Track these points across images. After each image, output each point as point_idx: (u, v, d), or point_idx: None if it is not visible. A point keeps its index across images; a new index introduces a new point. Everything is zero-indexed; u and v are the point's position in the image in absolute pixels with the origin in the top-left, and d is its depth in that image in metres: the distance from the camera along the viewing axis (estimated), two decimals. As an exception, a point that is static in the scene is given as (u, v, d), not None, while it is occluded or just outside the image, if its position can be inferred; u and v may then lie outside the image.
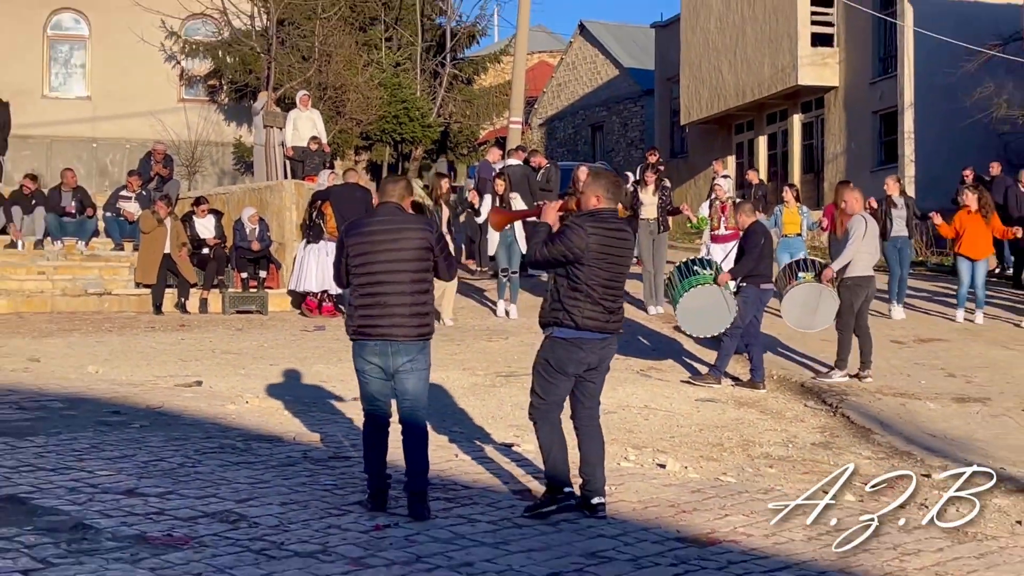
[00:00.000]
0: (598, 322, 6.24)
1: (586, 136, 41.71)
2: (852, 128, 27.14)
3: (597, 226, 6.20)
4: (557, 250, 6.16)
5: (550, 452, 6.35)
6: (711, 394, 10.84)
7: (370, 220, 6.26)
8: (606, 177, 6.61)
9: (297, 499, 6.27)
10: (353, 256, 6.16)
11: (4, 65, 24.02)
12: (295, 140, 18.45)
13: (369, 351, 6.14)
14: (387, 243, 6.11)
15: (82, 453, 7.14)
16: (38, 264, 16.46)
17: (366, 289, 6.14)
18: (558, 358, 6.27)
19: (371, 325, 6.09)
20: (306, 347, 12.91)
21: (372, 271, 6.12)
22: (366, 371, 6.22)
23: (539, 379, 6.37)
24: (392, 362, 6.13)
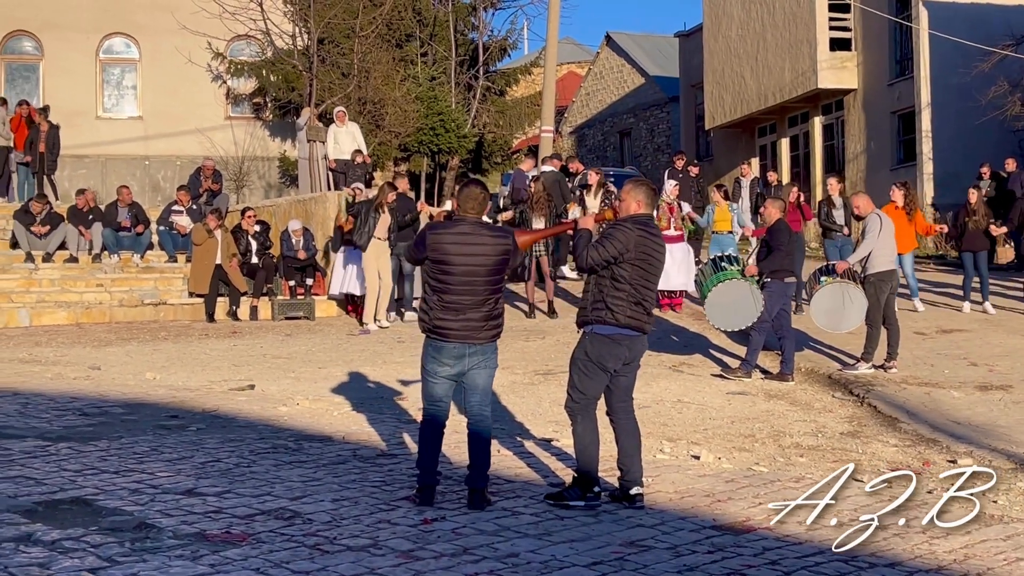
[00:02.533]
0: (638, 321, 6.53)
1: (614, 142, 42.17)
2: (871, 128, 27.49)
3: (640, 229, 6.53)
4: (608, 251, 6.45)
5: (586, 448, 6.58)
6: (742, 387, 11.07)
7: (449, 231, 6.47)
8: (645, 185, 6.87)
9: (348, 496, 6.50)
10: (433, 261, 6.42)
11: (60, 88, 24.68)
12: (336, 153, 18.95)
13: (446, 353, 6.40)
14: (464, 256, 6.36)
15: (143, 456, 7.41)
16: (96, 277, 16.91)
17: (442, 296, 6.40)
18: (598, 354, 6.51)
19: (447, 328, 6.38)
20: (352, 351, 13.19)
21: (448, 281, 6.38)
22: (437, 373, 6.46)
23: (578, 374, 6.59)
24: (467, 363, 6.43)
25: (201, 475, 6.89)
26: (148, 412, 9.06)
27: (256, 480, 6.80)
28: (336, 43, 23.45)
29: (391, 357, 12.45)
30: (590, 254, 6.49)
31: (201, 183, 19.29)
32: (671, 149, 38.48)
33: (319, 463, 7.36)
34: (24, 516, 5.83)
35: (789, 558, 5.58)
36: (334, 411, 9.41)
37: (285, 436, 8.21)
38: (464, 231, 6.43)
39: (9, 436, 7.91)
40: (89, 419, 8.69)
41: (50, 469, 6.93)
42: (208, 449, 7.67)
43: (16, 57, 25.76)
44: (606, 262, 6.47)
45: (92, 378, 11.05)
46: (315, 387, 10.62)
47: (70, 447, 7.59)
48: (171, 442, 7.87)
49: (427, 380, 6.53)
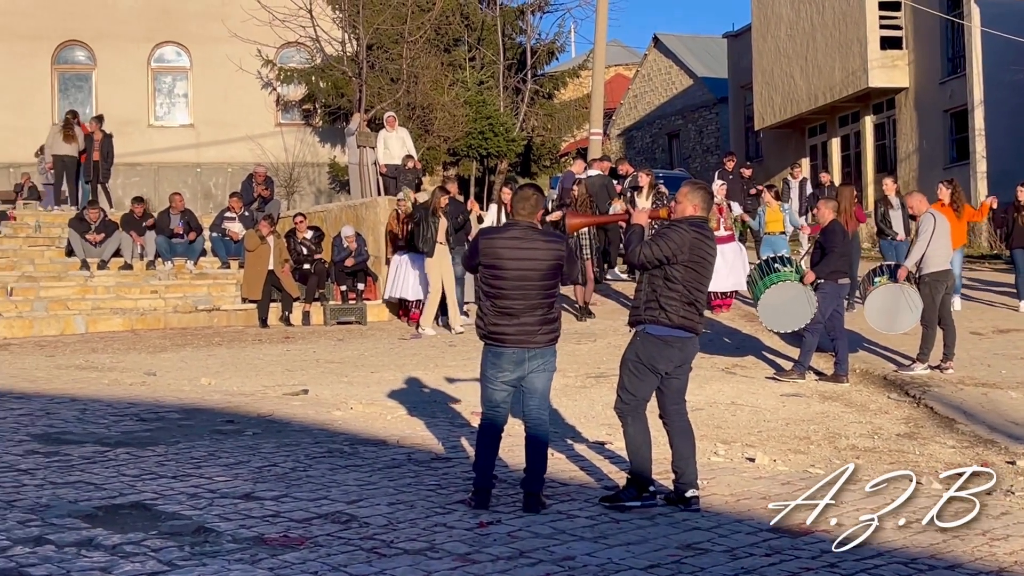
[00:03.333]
0: (691, 321, 6.52)
1: (663, 144, 42.11)
2: (923, 127, 27.26)
3: (695, 231, 6.52)
4: (661, 251, 6.44)
5: (638, 449, 6.57)
6: (796, 389, 10.99)
7: (502, 236, 6.47)
8: (703, 188, 6.88)
9: (404, 499, 6.52)
10: (486, 266, 6.42)
11: (113, 97, 25.03)
12: (386, 158, 19.03)
13: (506, 359, 6.41)
14: (516, 260, 6.36)
15: (200, 461, 7.48)
16: (151, 284, 17.13)
17: (497, 301, 6.41)
18: (649, 355, 6.49)
19: (504, 333, 6.39)
20: (404, 355, 13.25)
21: (502, 286, 6.38)
22: (497, 378, 6.46)
23: (629, 376, 6.58)
24: (526, 367, 6.44)
25: (258, 479, 6.94)
26: (204, 417, 9.14)
27: (312, 484, 6.84)
28: (385, 49, 23.58)
29: (443, 361, 12.48)
30: (643, 251, 6.48)
31: (253, 189, 19.47)
32: (720, 150, 38.39)
33: (374, 467, 7.39)
34: (85, 521, 5.90)
35: (848, 560, 5.53)
36: (388, 415, 9.46)
37: (340, 440, 8.25)
38: (516, 235, 6.43)
39: (68, 442, 8.02)
40: (146, 424, 8.78)
41: (109, 474, 7.01)
42: (264, 453, 7.72)
43: (69, 67, 26.13)
44: (658, 261, 6.46)
45: (148, 384, 11.17)
46: (368, 391, 10.67)
47: (128, 452, 7.68)
48: (228, 447, 7.94)
49: (486, 385, 6.54)
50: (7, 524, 5.78)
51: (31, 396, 10.08)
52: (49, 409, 9.36)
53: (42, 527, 5.75)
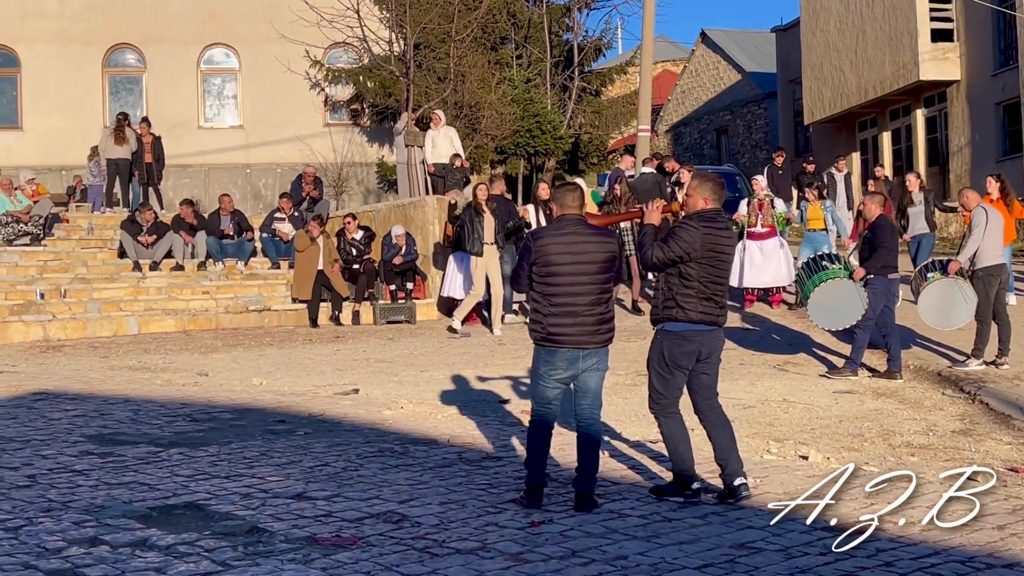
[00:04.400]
0: (710, 315, 6.56)
1: (711, 140, 41.90)
2: (975, 120, 26.87)
3: (707, 226, 6.52)
4: (672, 251, 6.46)
5: (676, 446, 6.62)
6: (849, 386, 10.88)
7: (556, 232, 6.44)
8: (712, 180, 6.86)
9: (455, 499, 6.51)
10: (540, 266, 6.36)
11: (163, 100, 25.31)
12: (434, 157, 19.00)
13: (560, 357, 6.37)
14: (572, 255, 6.33)
15: (252, 461, 7.51)
16: (202, 284, 17.27)
17: (555, 300, 6.35)
18: (670, 352, 6.55)
19: (561, 334, 6.34)
20: (453, 354, 13.25)
21: (559, 283, 6.34)
22: (551, 376, 6.42)
23: (655, 375, 6.65)
24: (580, 366, 6.41)
25: (310, 479, 6.96)
26: (256, 417, 9.19)
27: (364, 484, 6.85)
28: (431, 48, 23.62)
29: (492, 360, 12.47)
30: (655, 253, 6.51)
31: (303, 190, 19.58)
32: (769, 145, 38.12)
33: (425, 466, 7.39)
34: (139, 521, 5.95)
35: (904, 559, 5.46)
36: (438, 414, 9.47)
37: (391, 440, 8.26)
38: (568, 232, 6.40)
39: (123, 443, 8.09)
40: (199, 425, 8.85)
41: (163, 475, 7.07)
42: (316, 453, 7.75)
43: (120, 70, 26.43)
44: (671, 262, 6.49)
45: (200, 384, 11.25)
46: (418, 390, 10.68)
47: (181, 453, 7.73)
48: (280, 447, 7.97)
49: (538, 383, 6.51)
50: (62, 525, 5.84)
51: (85, 397, 10.19)
52: (103, 410, 9.45)
53: (97, 528, 5.80)
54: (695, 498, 6.52)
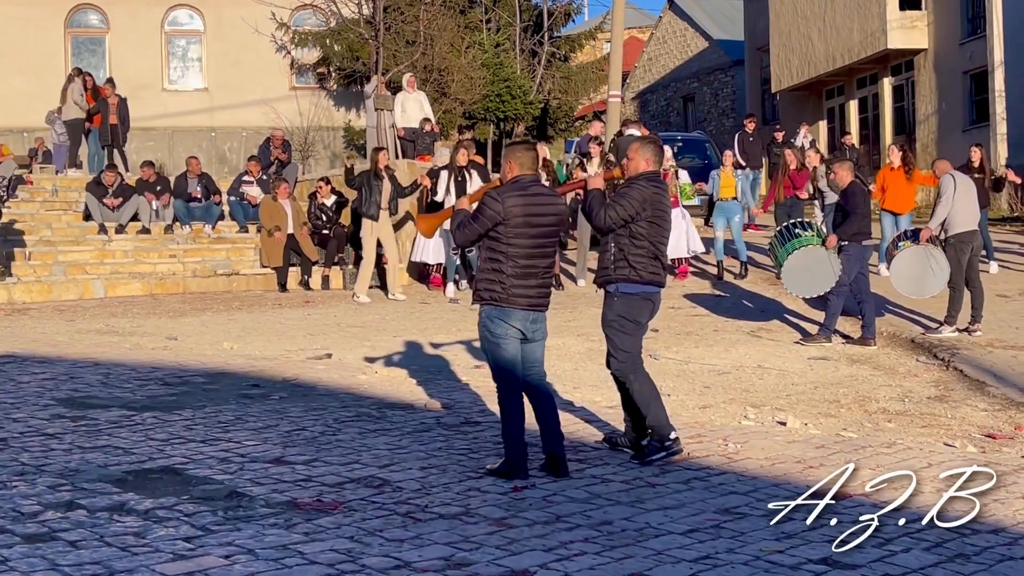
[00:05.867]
0: (658, 276, 6.71)
1: (678, 107, 41.90)
2: (943, 89, 27.02)
3: (655, 186, 6.66)
4: (626, 210, 6.55)
5: (649, 402, 6.66)
6: (823, 352, 10.91)
7: (520, 192, 6.21)
8: (653, 143, 6.96)
9: (435, 464, 6.45)
10: (509, 227, 6.11)
11: (126, 61, 24.95)
12: (404, 121, 18.86)
13: (515, 318, 6.20)
14: (536, 217, 6.18)
15: (228, 425, 7.41)
16: (169, 248, 17.06)
17: (519, 261, 6.16)
18: (630, 310, 6.65)
19: (522, 295, 6.18)
20: (425, 319, 13.18)
21: (523, 244, 6.16)
22: (509, 335, 6.22)
23: (618, 335, 6.71)
24: (530, 328, 6.28)
25: (288, 444, 6.88)
26: (229, 381, 9.08)
27: (343, 448, 6.78)
28: (400, 11, 23.37)
29: (464, 326, 12.39)
30: (608, 214, 6.56)
31: (271, 153, 19.37)
32: (736, 113, 38.14)
33: (403, 431, 7.33)
34: (116, 485, 5.85)
35: (890, 525, 5.44)
36: (412, 378, 9.39)
37: (367, 404, 8.19)
38: (532, 192, 6.23)
39: (94, 406, 7.96)
40: (171, 389, 8.73)
41: (137, 439, 6.96)
42: (292, 418, 7.66)
43: (83, 31, 26.03)
44: (623, 221, 6.56)
45: (170, 348, 11.12)
46: (391, 355, 10.59)
47: (155, 417, 7.62)
48: (255, 411, 7.88)
49: (499, 345, 6.23)
50: (37, 489, 5.73)
51: (54, 360, 10.03)
52: (72, 373, 9.31)
53: (73, 492, 5.69)
54: (675, 448, 6.58)
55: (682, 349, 10.92)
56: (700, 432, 7.48)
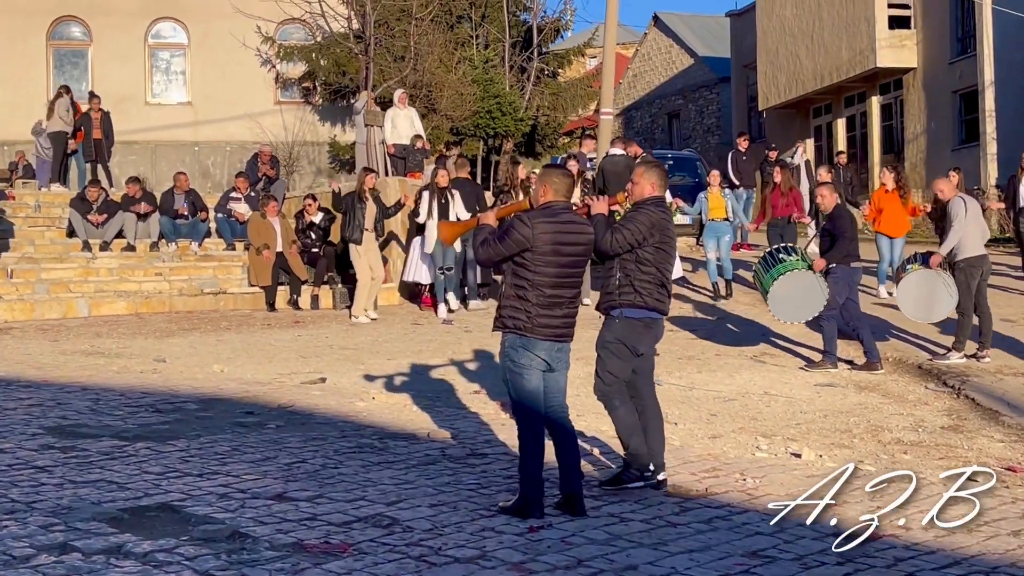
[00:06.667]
0: (662, 303, 6.58)
1: (663, 124, 41.86)
2: (932, 108, 26.99)
3: (662, 211, 6.58)
4: (632, 235, 6.43)
5: (631, 429, 6.52)
6: (830, 379, 10.68)
7: (551, 218, 5.99)
8: (657, 167, 6.88)
9: (445, 500, 6.19)
10: (537, 254, 5.90)
11: (109, 74, 24.60)
12: (394, 138, 18.57)
13: (540, 348, 5.97)
14: (565, 245, 5.98)
15: (224, 456, 7.13)
16: (155, 266, 16.69)
17: (547, 290, 5.94)
18: (631, 337, 6.50)
19: (547, 325, 5.96)
20: (419, 341, 12.90)
21: (550, 272, 5.95)
22: (533, 365, 5.98)
23: (611, 359, 6.55)
24: (555, 357, 6.05)
25: (289, 478, 6.60)
26: (222, 408, 8.79)
27: (347, 483, 6.50)
28: (388, 26, 23.12)
29: (460, 348, 12.14)
30: (615, 237, 6.42)
31: (259, 169, 19.06)
32: (721, 130, 38.09)
33: (408, 464, 7.06)
34: (111, 525, 5.57)
35: (925, 570, 5.24)
36: (412, 405, 9.12)
37: (368, 434, 7.92)
38: (563, 220, 6.03)
39: (84, 435, 7.66)
40: (163, 416, 8.43)
41: (131, 472, 6.67)
42: (291, 449, 7.38)
43: (65, 43, 25.68)
44: (629, 246, 6.44)
45: (159, 371, 10.80)
46: (387, 380, 10.29)
47: (148, 447, 7.33)
48: (252, 441, 7.60)
49: (522, 375, 5.98)
50: (29, 529, 5.44)
51: (39, 384, 9.71)
52: (60, 399, 9.00)
53: (66, 532, 5.41)
54: (653, 479, 6.45)
55: (685, 374, 10.68)
56: (715, 465, 7.24)
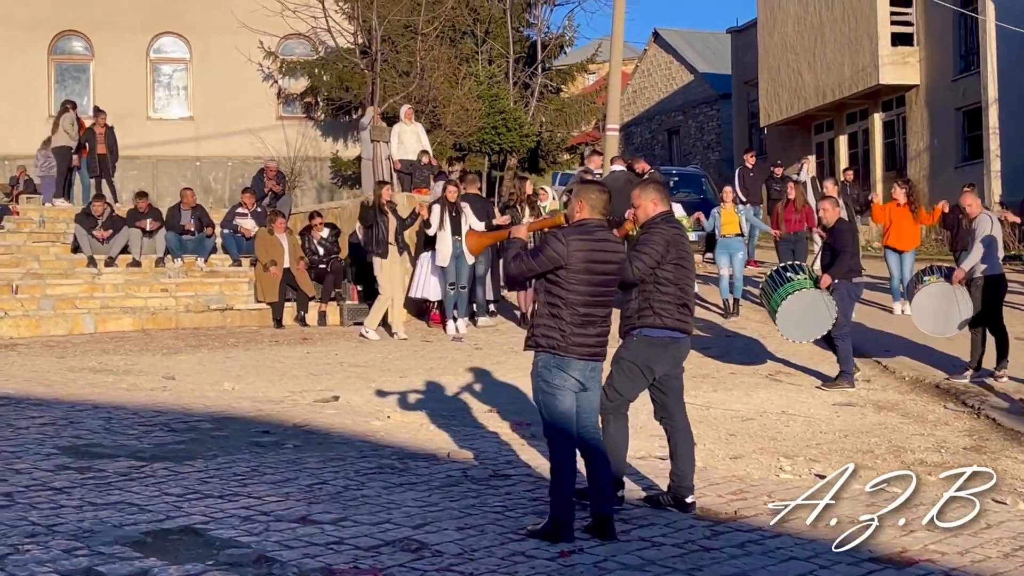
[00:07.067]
0: (684, 322, 6.45)
1: (663, 140, 41.85)
2: (935, 125, 26.95)
3: (673, 226, 6.44)
4: (652, 256, 6.33)
5: (617, 449, 6.43)
6: (847, 398, 10.58)
7: (586, 236, 5.87)
8: (655, 182, 6.84)
9: (471, 523, 6.09)
10: (573, 272, 5.80)
11: (111, 89, 24.54)
12: (401, 153, 18.48)
13: (574, 368, 5.87)
14: (600, 263, 5.87)
15: (244, 477, 7.03)
16: (161, 282, 16.58)
17: (581, 309, 5.84)
18: (646, 356, 6.39)
19: (582, 344, 5.86)
20: (430, 358, 12.81)
21: (587, 292, 5.84)
22: (566, 386, 5.87)
23: (620, 376, 6.45)
24: (588, 378, 5.95)
25: (312, 500, 6.49)
26: (237, 427, 8.69)
27: (371, 505, 6.40)
28: (392, 41, 23.08)
29: (471, 365, 12.04)
30: (635, 265, 6.28)
31: (264, 185, 18.96)
32: (721, 147, 38.09)
33: (431, 485, 6.95)
34: (135, 549, 5.46)
35: (965, 597, 5.14)
36: (429, 424, 9.03)
37: (387, 454, 7.81)
38: (598, 238, 5.92)
39: (101, 455, 7.56)
40: (178, 435, 8.33)
41: (151, 494, 6.56)
42: (311, 470, 7.28)
43: (66, 57, 25.64)
44: (651, 268, 6.32)
45: (170, 389, 10.70)
46: (400, 398, 10.20)
47: (166, 468, 7.23)
48: (271, 461, 7.49)
49: (555, 396, 5.87)
50: (52, 553, 5.34)
51: (50, 402, 9.61)
52: (72, 417, 8.89)
53: (90, 557, 5.30)
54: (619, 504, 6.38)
55: (701, 393, 10.59)
56: (741, 487, 7.15)
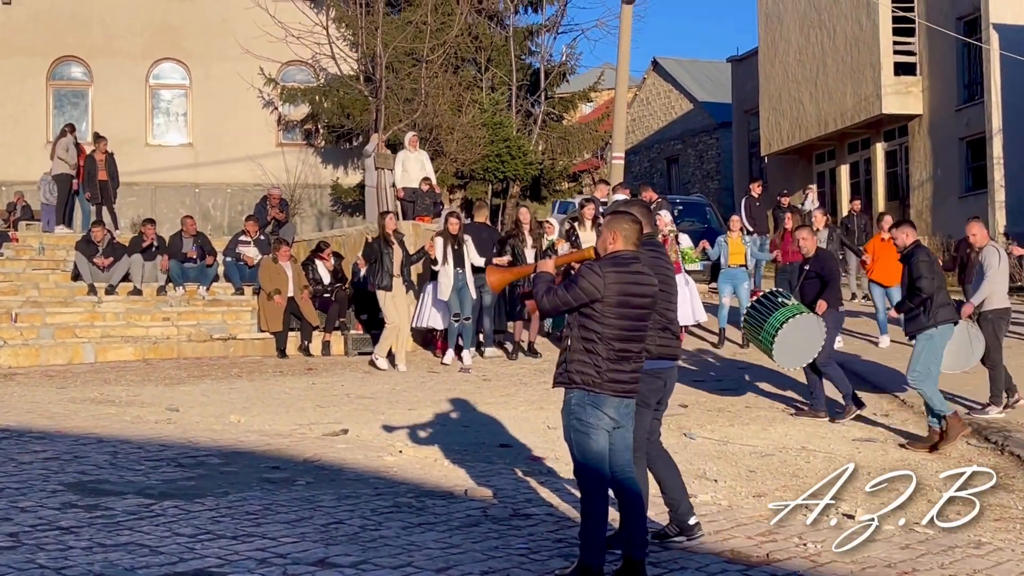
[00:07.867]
0: (670, 348, 6.29)
1: (662, 169, 41.82)
2: (938, 155, 26.90)
3: (649, 251, 6.20)
4: None
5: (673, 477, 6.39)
6: (868, 434, 10.37)
7: (621, 268, 5.65)
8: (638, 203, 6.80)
9: (496, 567, 5.86)
10: (608, 305, 5.58)
11: (109, 115, 24.40)
12: (404, 181, 18.33)
13: (609, 405, 5.64)
14: (635, 297, 5.65)
15: (257, 516, 6.80)
16: (162, 310, 16.36)
17: (616, 344, 5.61)
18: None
19: (617, 380, 5.63)
20: (437, 389, 12.60)
21: (621, 326, 5.62)
22: (601, 425, 5.64)
23: None
24: (622, 414, 5.73)
25: (329, 541, 6.27)
26: (246, 462, 8.46)
27: (390, 547, 6.17)
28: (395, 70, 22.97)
29: (481, 397, 11.84)
30: None
31: (267, 212, 18.77)
32: (720, 175, 38.04)
33: (450, 525, 6.73)
34: (150, 594, 5.25)
35: None
36: (444, 459, 8.79)
37: (403, 492, 7.59)
38: (634, 270, 5.69)
39: (107, 493, 7.33)
40: (186, 471, 8.10)
41: (162, 534, 6.34)
42: (325, 508, 7.05)
43: (65, 83, 25.51)
44: None
45: (175, 421, 10.47)
46: (411, 431, 9.97)
47: (176, 506, 7.00)
48: (283, 499, 7.26)
49: (590, 435, 5.62)
50: (62, 599, 5.12)
51: (53, 436, 9.38)
52: (76, 452, 8.68)
53: (103, 603, 5.09)
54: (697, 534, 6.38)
55: (717, 428, 10.38)
56: (770, 529, 6.92)
